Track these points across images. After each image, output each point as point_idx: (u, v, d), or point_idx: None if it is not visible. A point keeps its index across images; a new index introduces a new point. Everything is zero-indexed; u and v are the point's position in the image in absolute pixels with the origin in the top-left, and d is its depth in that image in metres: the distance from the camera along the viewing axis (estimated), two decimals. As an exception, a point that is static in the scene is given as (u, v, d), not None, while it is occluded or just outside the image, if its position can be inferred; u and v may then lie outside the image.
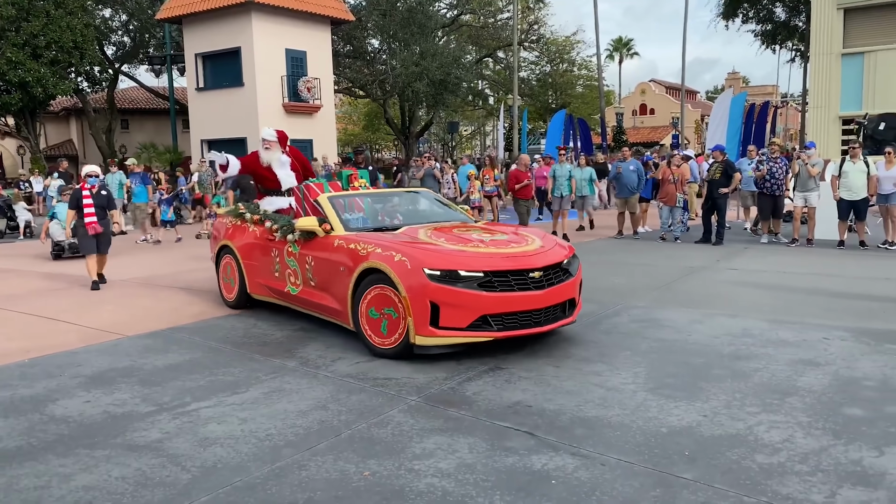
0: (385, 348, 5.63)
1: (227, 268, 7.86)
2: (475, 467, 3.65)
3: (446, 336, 5.36)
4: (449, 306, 5.29)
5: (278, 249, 6.95)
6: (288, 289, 6.87)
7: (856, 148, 11.79)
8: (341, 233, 6.32)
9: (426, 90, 32.04)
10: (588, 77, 45.93)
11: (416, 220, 6.93)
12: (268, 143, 8.25)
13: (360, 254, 5.81)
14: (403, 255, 5.48)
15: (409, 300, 5.31)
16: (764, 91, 62.83)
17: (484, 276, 5.39)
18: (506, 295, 5.41)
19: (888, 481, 3.41)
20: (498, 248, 5.80)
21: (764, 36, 37.90)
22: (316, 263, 6.39)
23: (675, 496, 3.30)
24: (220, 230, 8.13)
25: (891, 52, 20.88)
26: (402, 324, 5.44)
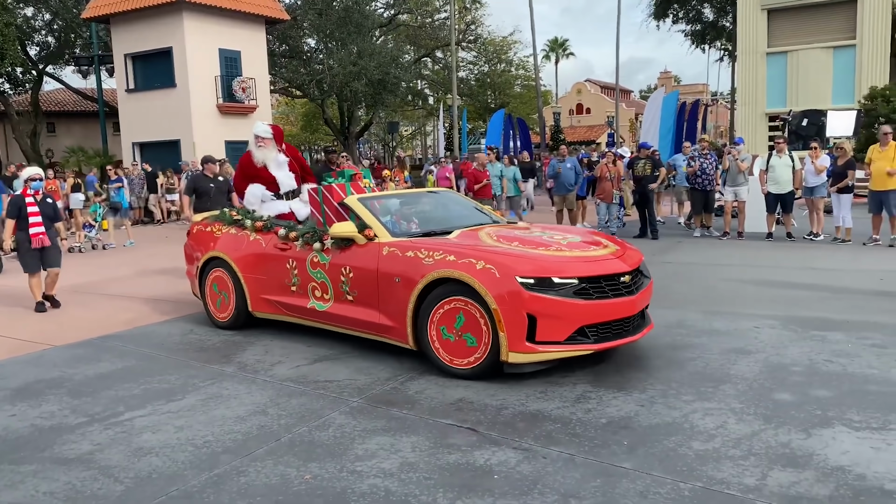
0: (463, 369, 4.96)
1: (217, 283, 6.85)
2: (418, 466, 3.64)
3: (544, 351, 4.77)
4: (546, 318, 4.71)
5: (297, 260, 6.11)
6: (312, 305, 6.01)
7: (781, 143, 12.24)
8: (388, 239, 5.58)
9: (365, 90, 31.88)
10: (526, 77, 46.49)
11: (456, 222, 6.17)
12: (261, 140, 7.34)
13: (423, 263, 5.11)
14: (488, 263, 4.83)
15: (502, 313, 4.68)
16: (695, 90, 64.74)
17: (578, 282, 4.85)
18: (602, 302, 4.88)
19: (815, 462, 3.54)
20: (582, 252, 5.24)
21: (693, 36, 39.10)
22: (356, 275, 5.60)
23: (615, 485, 3.36)
24: (202, 240, 7.11)
25: (812, 51, 21.79)
26: (486, 340, 4.82)
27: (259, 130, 7.39)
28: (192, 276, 7.29)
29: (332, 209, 6.25)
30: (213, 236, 6.99)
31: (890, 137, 10.80)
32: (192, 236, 7.35)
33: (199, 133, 23.56)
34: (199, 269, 7.05)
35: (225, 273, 6.75)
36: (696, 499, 3.20)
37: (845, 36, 21.34)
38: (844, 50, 21.34)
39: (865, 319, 6.36)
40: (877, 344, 5.58)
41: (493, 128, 26.48)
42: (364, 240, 5.65)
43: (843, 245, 11.18)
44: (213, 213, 7.46)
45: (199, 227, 7.32)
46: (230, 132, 24.59)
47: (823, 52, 21.64)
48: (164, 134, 23.90)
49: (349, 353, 5.80)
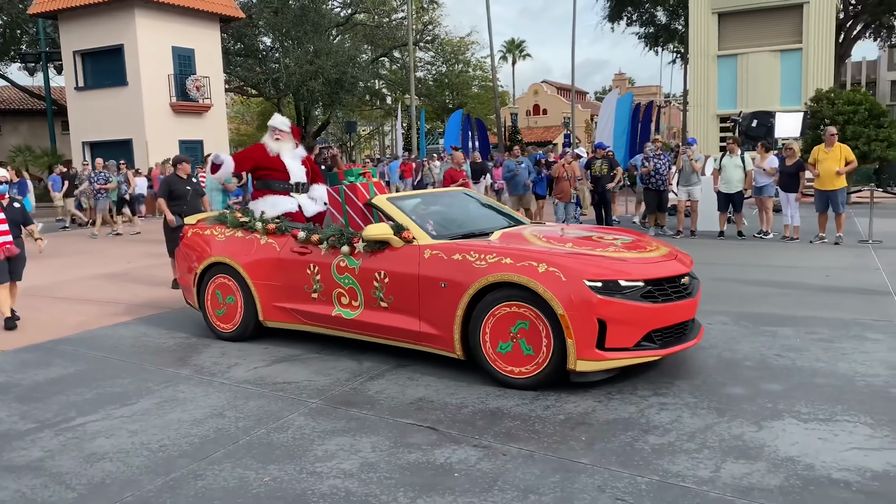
0: (521, 378, 4.70)
1: (220, 291, 6.33)
2: (378, 466, 3.64)
3: (613, 358, 4.56)
4: (616, 323, 4.51)
5: (319, 265, 5.69)
6: (338, 312, 5.60)
7: (732, 143, 12.53)
8: (429, 241, 5.26)
9: (322, 89, 31.68)
10: (483, 78, 46.73)
11: (484, 223, 5.95)
12: (279, 132, 6.91)
13: (475, 266, 4.81)
14: (551, 266, 4.57)
15: (570, 319, 4.44)
16: (649, 91, 65.83)
17: (644, 285, 4.66)
18: (667, 306, 4.70)
19: (766, 453, 3.64)
20: (641, 253, 5.06)
21: (647, 38, 39.76)
22: (393, 280, 5.25)
23: (574, 481, 3.41)
24: (200, 244, 6.54)
25: (761, 54, 22.36)
26: (547, 347, 4.58)
27: (277, 123, 7.01)
28: (187, 283, 6.68)
29: (356, 210, 5.87)
30: (215, 240, 6.43)
31: (835, 138, 11.15)
32: (188, 241, 6.73)
33: (151, 132, 23.11)
34: (197, 275, 6.46)
35: (230, 280, 6.23)
36: (653, 492, 3.27)
37: (792, 40, 21.97)
38: (791, 53, 21.97)
39: (813, 315, 6.56)
40: (824, 338, 5.76)
41: (452, 128, 26.53)
42: (401, 242, 5.29)
43: (792, 243, 11.51)
44: (211, 215, 6.95)
45: (196, 230, 6.71)
46: (184, 131, 24.18)
47: (772, 56, 22.24)
48: (115, 133, 23.38)
49: (307, 355, 5.76)
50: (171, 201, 8.75)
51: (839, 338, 5.77)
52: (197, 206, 8.94)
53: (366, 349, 5.76)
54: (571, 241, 5.25)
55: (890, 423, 3.96)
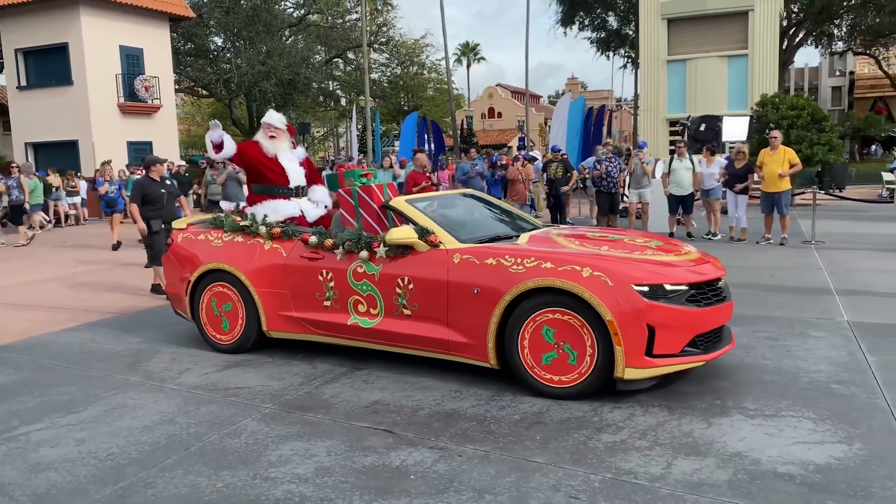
0: (563, 388, 4.51)
1: (217, 300, 5.94)
2: (334, 470, 3.61)
3: (663, 365, 4.41)
4: (664, 328, 4.36)
5: (333, 271, 5.37)
6: (355, 321, 5.30)
7: (682, 147, 12.82)
8: (457, 245, 5.00)
9: (274, 90, 31.36)
10: (438, 80, 46.81)
11: (508, 226, 5.76)
12: (274, 130, 6.45)
13: (511, 271, 4.60)
14: (596, 270, 4.41)
15: (619, 325, 4.27)
16: (600, 95, 66.81)
17: (688, 288, 4.54)
18: (709, 310, 4.59)
19: (715, 449, 3.73)
20: (678, 256, 4.95)
21: (599, 43, 40.35)
22: (418, 286, 4.98)
23: (529, 480, 3.44)
24: (194, 250, 6.09)
25: (708, 59, 22.90)
26: (591, 355, 4.41)
27: (272, 120, 6.52)
28: (178, 292, 6.24)
29: (370, 213, 5.58)
30: (211, 246, 6.00)
31: (779, 142, 11.49)
32: (178, 247, 6.26)
33: (98, 133, 22.54)
34: (190, 284, 6.05)
35: (230, 288, 5.84)
36: (606, 489, 3.32)
37: (738, 46, 22.54)
38: (738, 59, 22.55)
39: (759, 314, 6.74)
40: (770, 336, 5.93)
41: (407, 130, 26.49)
42: (426, 246, 5.02)
43: (739, 244, 11.81)
44: (204, 219, 6.53)
45: (188, 235, 6.25)
46: (133, 132, 23.65)
47: (719, 61, 22.79)
48: (60, 134, 22.73)
49: (261, 359, 5.69)
50: (145, 206, 8.27)
51: (784, 336, 5.94)
52: (173, 209, 8.54)
53: (320, 353, 5.71)
54: (606, 243, 5.08)
55: (832, 418, 4.09)
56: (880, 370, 4.93)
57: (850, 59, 49.15)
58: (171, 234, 6.50)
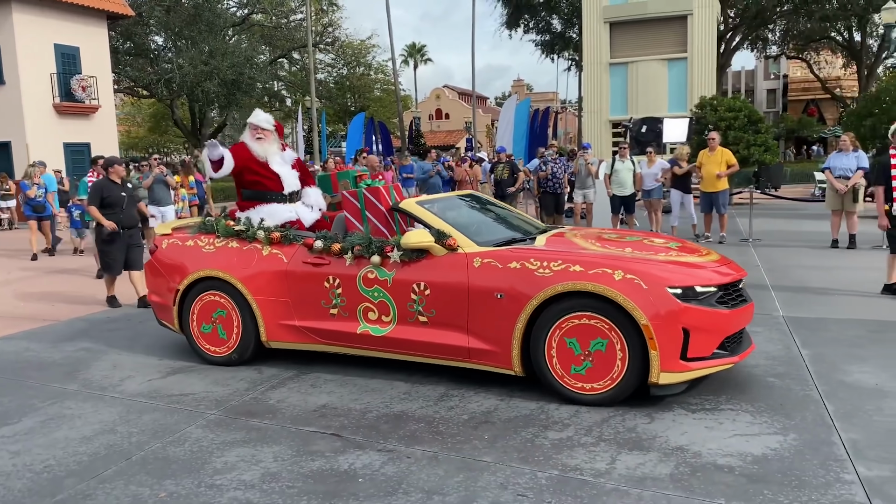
0: (593, 395, 4.38)
1: (210, 310, 5.59)
2: (280, 475, 3.57)
3: (697, 368, 4.32)
4: (698, 331, 4.27)
5: (341, 277, 5.12)
6: (365, 329, 5.07)
7: (624, 148, 13.07)
8: (476, 249, 4.82)
9: (217, 90, 30.80)
10: (385, 81, 46.67)
11: (517, 228, 5.60)
12: (261, 131, 6.03)
13: (537, 275, 4.45)
14: (628, 273, 4.30)
15: (655, 329, 4.18)
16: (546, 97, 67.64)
17: (717, 290, 4.47)
18: (736, 311, 4.51)
19: (658, 443, 3.83)
20: (700, 258, 4.85)
21: (543, 46, 40.84)
22: (435, 291, 4.78)
23: (477, 479, 3.46)
24: (181, 257, 5.76)
25: (649, 62, 23.42)
26: (622, 360, 4.30)
27: (258, 120, 6.09)
28: (164, 302, 5.87)
29: (378, 216, 5.37)
30: (202, 252, 5.66)
31: (717, 143, 11.83)
32: (164, 254, 5.89)
33: (33, 134, 21.75)
34: (179, 293, 5.70)
35: (224, 297, 5.51)
36: (552, 486, 3.37)
37: (678, 49, 23.11)
38: (678, 62, 23.11)
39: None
40: (709, 332, 6.09)
41: (354, 131, 26.38)
42: (443, 250, 4.83)
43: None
44: (190, 222, 6.23)
45: (174, 241, 5.90)
46: (69, 133, 22.90)
47: (660, 64, 23.32)
48: (-9, 135, 21.86)
49: (205, 365, 5.58)
50: (103, 209, 7.78)
51: (723, 331, 6.11)
52: (133, 214, 8.06)
53: (266, 358, 5.64)
54: (627, 245, 4.98)
55: (768, 410, 4.24)
56: (813, 363, 5.12)
57: (783, 63, 50.88)
58: (155, 240, 6.08)
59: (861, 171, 10.68)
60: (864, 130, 14.88)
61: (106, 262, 8.07)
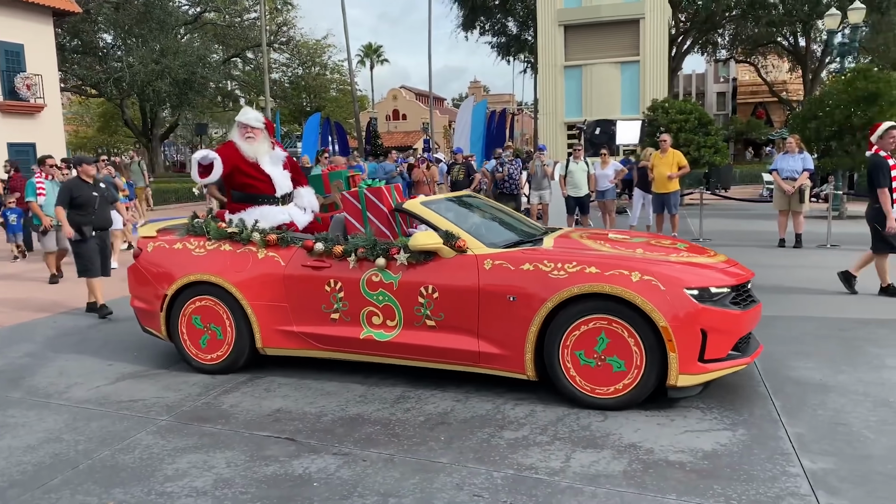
0: (609, 398, 4.33)
1: (201, 316, 5.36)
2: (234, 481, 3.52)
3: (714, 370, 4.28)
4: (715, 332, 4.24)
5: (343, 281, 4.95)
6: (368, 335, 4.90)
7: (578, 150, 13.24)
8: (486, 251, 4.71)
9: (169, 90, 30.24)
10: (341, 81, 46.39)
11: (521, 229, 5.48)
12: (251, 130, 5.76)
13: (551, 277, 4.36)
14: (645, 274, 4.24)
15: (674, 331, 4.13)
16: (502, 99, 68.09)
17: (730, 291, 4.43)
18: (748, 312, 4.48)
19: (611, 441, 3.88)
20: (710, 259, 4.83)
21: (499, 48, 41.06)
22: (444, 295, 4.66)
23: (433, 481, 3.46)
24: (169, 260, 5.50)
25: (603, 65, 23.75)
26: (639, 363, 4.24)
27: (248, 119, 5.81)
28: (150, 308, 5.60)
29: (380, 217, 5.20)
30: (192, 255, 5.41)
31: (668, 144, 12.06)
32: (149, 257, 5.61)
33: (-27, 134, 21.05)
34: (167, 299, 5.44)
35: (217, 302, 5.29)
36: (508, 485, 3.39)
37: (631, 53, 23.51)
38: (630, 65, 23.51)
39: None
40: (661, 331, 6.20)
41: (310, 131, 26.11)
42: (452, 252, 4.71)
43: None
44: (176, 225, 5.94)
45: (161, 244, 5.63)
46: (14, 133, 22.21)
47: (613, 67, 23.69)
48: (-71, 134, 21.08)
49: (155, 370, 5.47)
50: (74, 210, 7.34)
51: (675, 330, 6.22)
52: (107, 215, 7.67)
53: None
54: (637, 246, 4.96)
55: (718, 406, 4.33)
56: (761, 360, 5.25)
57: (733, 67, 52.16)
58: (139, 243, 5.79)
59: (806, 172, 10.99)
60: (809, 133, 15.29)
61: (83, 266, 7.48)
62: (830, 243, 11.07)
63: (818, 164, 15.18)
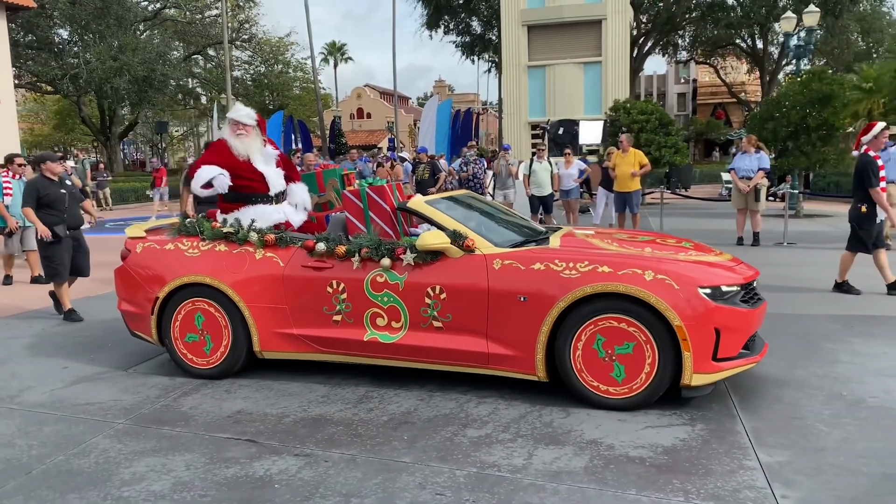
0: (621, 398, 4.30)
1: (196, 319, 5.18)
2: (193, 484, 3.46)
3: (726, 369, 4.29)
4: (727, 331, 4.24)
5: (346, 282, 4.82)
6: (373, 336, 4.80)
7: (542, 150, 13.33)
8: (494, 250, 4.64)
9: (128, 87, 29.68)
10: (304, 79, 46.03)
11: (524, 229, 5.44)
12: (243, 127, 5.57)
13: (563, 276, 4.32)
14: (658, 273, 4.22)
15: (688, 330, 4.11)
16: (467, 98, 68.23)
17: (739, 289, 4.43)
18: (756, 310, 4.48)
19: (573, 437, 3.91)
20: (717, 257, 4.82)
21: (464, 47, 41.12)
22: (452, 295, 4.57)
23: (396, 480, 3.45)
24: (159, 261, 5.30)
25: (566, 66, 23.95)
26: (651, 363, 4.21)
27: (240, 115, 5.62)
28: (139, 311, 5.39)
29: (383, 216, 5.09)
30: (185, 256, 5.22)
31: (629, 144, 12.21)
32: (139, 258, 5.40)
33: (-78, 131, 20.38)
34: (158, 301, 5.24)
35: (212, 304, 5.12)
36: (470, 484, 3.39)
37: (593, 53, 23.73)
38: (593, 66, 23.74)
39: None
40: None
41: (273, 129, 25.87)
42: (460, 252, 4.63)
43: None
44: (165, 224, 5.77)
45: (151, 244, 5.43)
46: (-36, 131, 21.56)
47: (576, 67, 23.89)
48: None
49: (113, 372, 5.36)
50: (43, 210, 7.00)
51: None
52: (77, 213, 7.32)
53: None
54: (645, 244, 4.96)
55: (678, 402, 4.38)
56: (719, 355, 5.34)
57: (693, 68, 53.03)
58: (127, 243, 5.55)
59: (762, 171, 11.23)
60: (766, 133, 15.62)
61: (52, 269, 7.13)
62: (787, 241, 11.32)
63: (775, 164, 15.52)
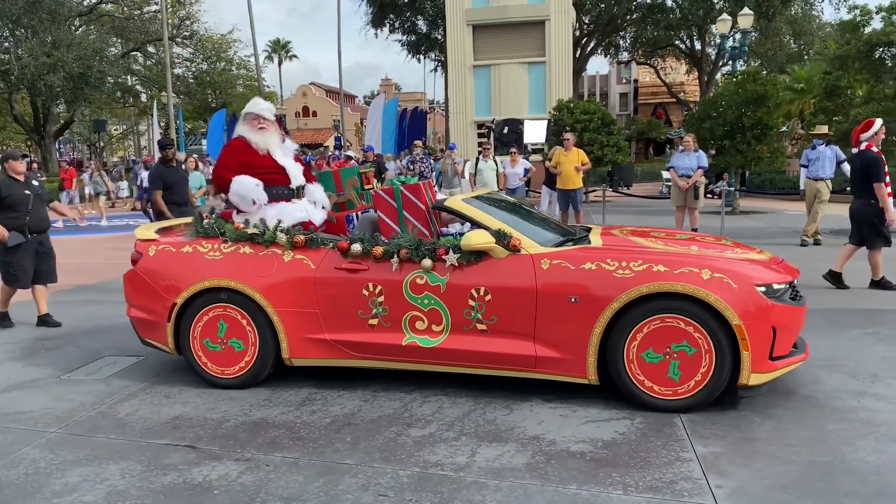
0: (678, 399, 4.18)
1: (219, 326, 4.88)
2: (128, 493, 3.37)
3: (781, 367, 4.25)
4: (782, 329, 4.19)
5: (383, 284, 4.59)
6: (412, 341, 4.58)
7: (487, 149, 13.42)
8: (540, 250, 4.48)
9: (62, 84, 28.73)
10: (248, 77, 45.30)
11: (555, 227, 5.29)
12: (262, 121, 5.34)
13: (616, 276, 4.18)
14: (716, 271, 4.13)
15: (747, 329, 4.02)
16: (414, 97, 68.12)
17: (787, 287, 4.38)
18: (804, 308, 4.47)
19: (516, 434, 3.95)
20: (759, 255, 4.74)
21: (409, 46, 41.03)
22: (497, 297, 4.39)
23: (338, 483, 3.43)
24: (177, 265, 4.99)
25: (511, 66, 24.14)
26: (708, 362, 4.11)
27: (259, 109, 5.39)
28: (154, 318, 5.05)
29: (417, 216, 4.88)
30: (205, 259, 4.91)
31: (572, 143, 12.39)
32: (152, 262, 5.07)
33: None
34: (176, 308, 4.91)
35: (237, 310, 4.83)
36: (413, 483, 3.39)
37: (537, 53, 23.96)
38: (537, 66, 23.96)
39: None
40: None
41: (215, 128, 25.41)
42: (505, 252, 4.45)
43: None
44: (179, 224, 5.51)
45: (166, 247, 5.11)
46: None
47: (520, 67, 24.08)
48: None
49: (47, 379, 5.18)
50: (4, 212, 6.56)
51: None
52: (43, 215, 6.88)
53: (114, 368, 5.30)
54: (691, 242, 4.84)
55: (619, 396, 4.45)
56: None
57: (634, 69, 54.07)
58: (138, 246, 5.23)
59: (700, 169, 11.52)
60: (704, 132, 16.04)
61: (10, 274, 6.71)
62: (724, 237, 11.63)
63: (713, 163, 15.95)
